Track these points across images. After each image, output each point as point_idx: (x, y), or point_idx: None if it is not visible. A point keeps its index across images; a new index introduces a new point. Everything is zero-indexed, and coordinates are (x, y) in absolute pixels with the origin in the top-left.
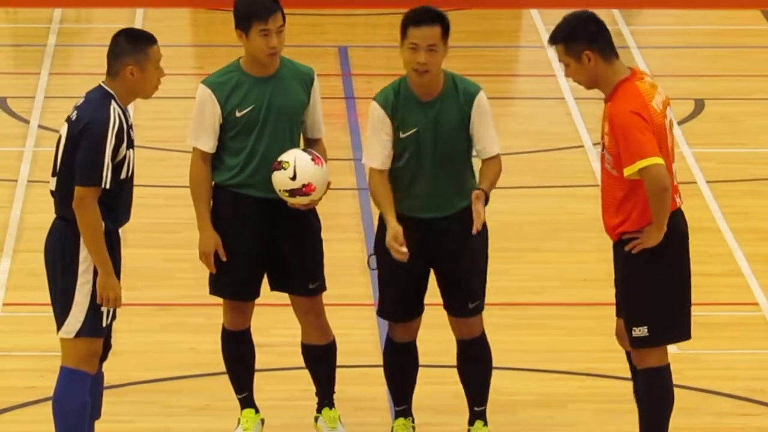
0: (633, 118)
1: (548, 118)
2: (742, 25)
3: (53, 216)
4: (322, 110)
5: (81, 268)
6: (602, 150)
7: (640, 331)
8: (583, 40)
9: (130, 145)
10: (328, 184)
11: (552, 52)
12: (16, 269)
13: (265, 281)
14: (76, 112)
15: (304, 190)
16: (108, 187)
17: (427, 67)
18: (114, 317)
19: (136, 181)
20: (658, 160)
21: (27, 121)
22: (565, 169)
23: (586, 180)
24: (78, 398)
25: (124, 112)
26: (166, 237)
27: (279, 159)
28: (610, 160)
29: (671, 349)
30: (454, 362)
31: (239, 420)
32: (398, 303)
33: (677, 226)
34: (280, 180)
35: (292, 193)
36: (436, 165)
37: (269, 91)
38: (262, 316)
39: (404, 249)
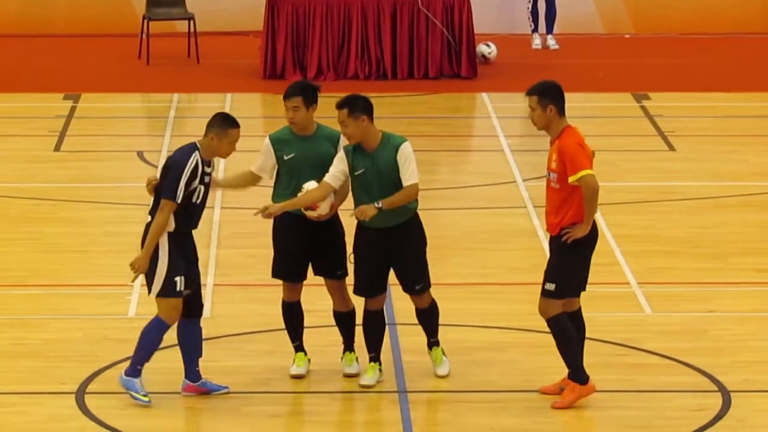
0: (577, 146)
1: (491, 164)
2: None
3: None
4: None
5: (160, 253)
6: (548, 173)
7: (549, 286)
8: (551, 98)
9: (202, 182)
10: (332, 204)
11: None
12: None
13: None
14: (171, 154)
15: (312, 206)
16: (179, 203)
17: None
18: (187, 286)
19: (233, 204)
20: (592, 172)
21: (156, 166)
22: (501, 196)
23: (517, 203)
24: (154, 337)
25: (203, 160)
26: (246, 241)
27: (301, 186)
28: (555, 177)
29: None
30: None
31: (294, 359)
32: (367, 284)
33: (593, 227)
34: None
35: (305, 207)
36: None
37: (306, 145)
38: (309, 292)
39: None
